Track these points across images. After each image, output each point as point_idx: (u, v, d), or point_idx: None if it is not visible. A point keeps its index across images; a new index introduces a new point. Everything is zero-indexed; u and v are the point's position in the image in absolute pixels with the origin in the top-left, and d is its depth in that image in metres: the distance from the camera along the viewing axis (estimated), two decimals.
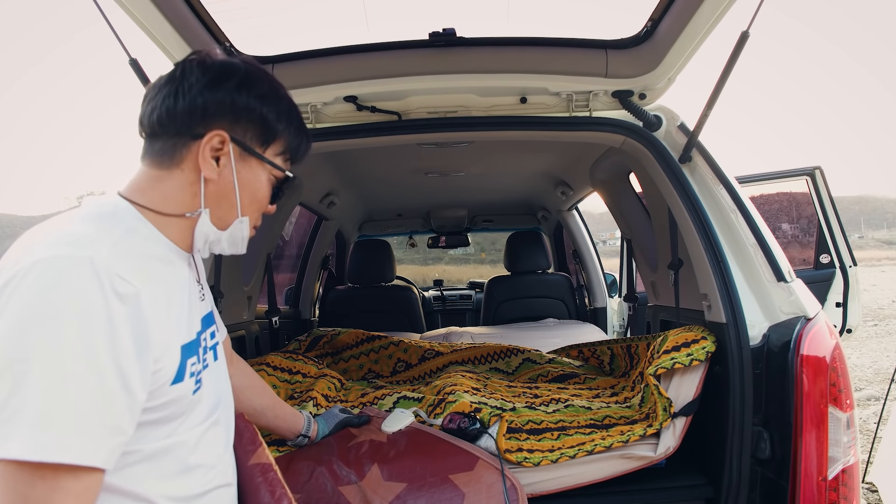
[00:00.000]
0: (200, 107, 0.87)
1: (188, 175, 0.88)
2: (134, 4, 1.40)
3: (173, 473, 0.86)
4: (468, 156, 2.69)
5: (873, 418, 4.81)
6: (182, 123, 0.87)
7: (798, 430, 1.36)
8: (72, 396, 0.69)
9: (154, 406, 0.81)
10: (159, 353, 0.80)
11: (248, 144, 0.91)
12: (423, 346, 2.53)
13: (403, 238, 4.95)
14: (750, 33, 1.41)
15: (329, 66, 1.75)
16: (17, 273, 0.71)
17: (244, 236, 0.96)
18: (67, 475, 0.69)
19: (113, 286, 0.73)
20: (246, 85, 0.89)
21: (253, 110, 0.90)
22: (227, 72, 0.89)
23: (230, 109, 0.88)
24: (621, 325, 3.79)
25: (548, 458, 1.48)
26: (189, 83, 0.87)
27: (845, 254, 3.98)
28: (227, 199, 0.91)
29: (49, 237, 0.76)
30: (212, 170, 0.88)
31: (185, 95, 0.87)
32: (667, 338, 1.64)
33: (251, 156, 0.92)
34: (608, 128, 1.81)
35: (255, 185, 0.93)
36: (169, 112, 0.87)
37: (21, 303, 0.70)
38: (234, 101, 0.88)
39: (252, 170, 0.92)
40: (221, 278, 2.01)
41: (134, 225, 0.86)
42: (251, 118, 0.90)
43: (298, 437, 1.50)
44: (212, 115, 0.87)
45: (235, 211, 0.92)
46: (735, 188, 1.66)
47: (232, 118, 0.89)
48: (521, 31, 1.76)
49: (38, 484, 0.68)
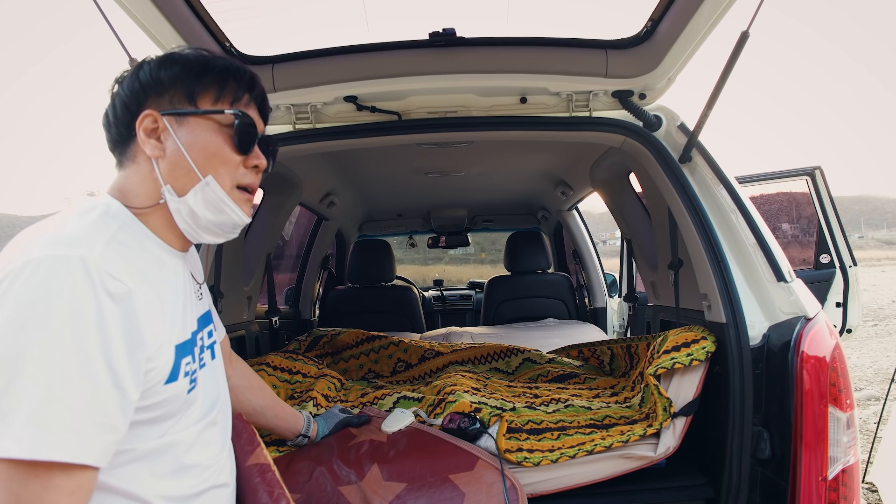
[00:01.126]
0: (129, 102, 0.90)
1: (144, 165, 0.91)
2: (134, 4, 1.40)
3: (168, 473, 0.86)
4: (468, 156, 2.69)
5: (873, 418, 4.81)
6: (120, 127, 0.91)
7: (798, 430, 1.36)
8: (64, 395, 0.69)
9: (148, 405, 0.81)
10: (152, 353, 0.80)
11: (177, 108, 0.90)
12: (423, 346, 2.53)
13: (403, 238, 4.95)
14: (750, 33, 1.41)
15: (329, 66, 1.75)
16: (10, 273, 0.72)
17: (221, 198, 0.91)
18: (60, 473, 0.69)
19: (104, 285, 0.74)
20: (160, 62, 0.92)
21: (170, 78, 0.91)
22: (145, 61, 0.93)
23: (152, 89, 0.90)
24: (621, 325, 3.79)
25: (548, 458, 1.48)
26: (123, 89, 0.92)
27: (845, 254, 3.98)
28: (181, 167, 0.90)
29: (41, 237, 0.77)
30: (154, 147, 0.89)
31: (118, 101, 0.91)
32: (667, 338, 1.64)
33: (186, 116, 0.90)
34: (608, 128, 1.81)
35: (201, 141, 0.90)
36: (110, 123, 0.92)
37: (13, 302, 0.70)
38: (152, 79, 0.90)
39: (192, 130, 0.90)
40: (221, 278, 2.01)
41: (126, 223, 0.87)
42: (172, 85, 0.91)
43: (298, 437, 1.50)
44: (139, 103, 0.90)
45: (193, 174, 0.90)
46: (735, 188, 1.66)
47: (156, 96, 0.90)
48: (521, 31, 1.76)
49: (30, 482, 0.68)
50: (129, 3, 1.39)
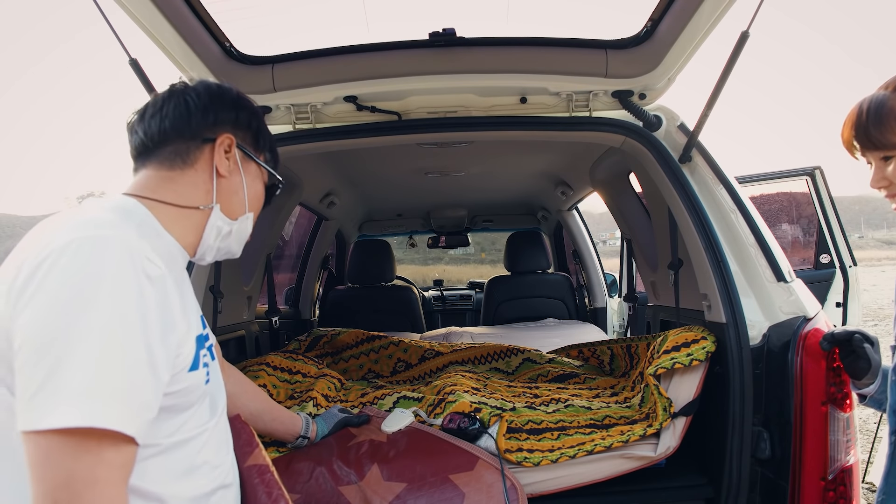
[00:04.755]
0: (212, 114, 0.98)
1: (201, 174, 0.97)
2: (134, 4, 1.40)
3: (182, 471, 0.87)
4: (468, 156, 2.69)
5: (873, 418, 4.81)
6: (196, 127, 0.97)
7: (798, 429, 1.36)
8: (112, 370, 0.71)
9: (173, 392, 0.83)
10: (181, 338, 0.83)
11: (245, 147, 1.03)
12: (423, 346, 2.53)
13: (403, 238, 4.95)
14: (750, 33, 1.41)
15: (329, 66, 1.75)
16: (52, 252, 0.73)
17: (247, 234, 1.06)
18: (110, 447, 0.71)
19: (143, 266, 0.77)
20: (241, 101, 1.04)
21: (249, 122, 1.03)
22: (225, 89, 1.03)
23: (233, 120, 1.01)
24: (621, 325, 3.79)
25: (548, 458, 1.48)
26: (194, 96, 0.98)
27: (845, 254, 3.97)
28: (237, 195, 1.02)
29: (72, 222, 0.79)
30: (226, 167, 0.99)
31: (195, 105, 0.97)
32: (667, 338, 1.64)
33: (250, 160, 1.04)
34: (608, 128, 1.81)
35: (254, 185, 1.05)
36: (182, 118, 0.96)
37: (57, 282, 0.72)
38: (237, 114, 1.01)
39: (251, 172, 1.04)
40: (221, 278, 2.01)
41: (145, 219, 0.90)
42: (248, 128, 1.03)
43: (298, 439, 1.50)
44: (219, 123, 0.99)
45: (244, 206, 1.03)
46: (735, 188, 1.66)
47: (233, 127, 1.01)
48: (521, 31, 1.76)
49: (82, 456, 0.69)
50: (129, 3, 1.39)
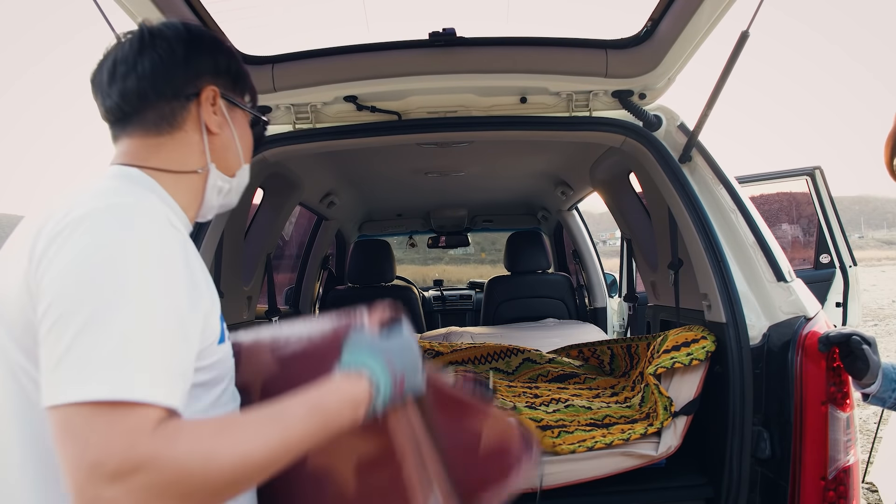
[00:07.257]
0: (193, 66, 0.88)
1: (191, 135, 0.89)
2: (134, 4, 1.40)
3: None
4: (468, 156, 2.69)
5: (873, 418, 4.81)
6: (178, 84, 0.87)
7: (798, 429, 1.36)
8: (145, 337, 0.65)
9: (204, 366, 0.79)
10: (207, 308, 0.78)
11: (229, 95, 0.93)
12: (423, 345, 2.53)
13: (403, 238, 4.95)
14: (750, 33, 1.41)
15: (329, 66, 1.75)
16: (71, 222, 0.69)
17: (245, 183, 0.99)
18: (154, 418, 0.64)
19: (170, 233, 0.74)
20: (217, 43, 0.94)
21: (228, 66, 0.93)
22: (196, 33, 0.91)
23: (213, 67, 0.91)
24: (621, 325, 3.79)
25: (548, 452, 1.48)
26: (166, 49, 0.86)
27: (845, 254, 3.97)
28: (231, 150, 0.94)
29: (87, 193, 0.74)
30: (216, 123, 0.90)
31: (171, 59, 0.86)
32: (667, 337, 1.64)
33: (235, 107, 0.94)
34: (608, 128, 1.81)
35: (244, 133, 0.97)
36: (161, 76, 0.86)
37: (80, 246, 0.67)
38: (215, 59, 0.91)
39: (238, 120, 0.95)
40: (221, 278, 2.01)
41: (153, 188, 0.84)
42: (228, 73, 0.93)
43: None
44: (200, 74, 0.89)
45: (239, 159, 0.95)
46: (735, 188, 1.66)
47: (213, 76, 0.91)
48: (521, 31, 1.76)
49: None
50: (129, 3, 1.39)
